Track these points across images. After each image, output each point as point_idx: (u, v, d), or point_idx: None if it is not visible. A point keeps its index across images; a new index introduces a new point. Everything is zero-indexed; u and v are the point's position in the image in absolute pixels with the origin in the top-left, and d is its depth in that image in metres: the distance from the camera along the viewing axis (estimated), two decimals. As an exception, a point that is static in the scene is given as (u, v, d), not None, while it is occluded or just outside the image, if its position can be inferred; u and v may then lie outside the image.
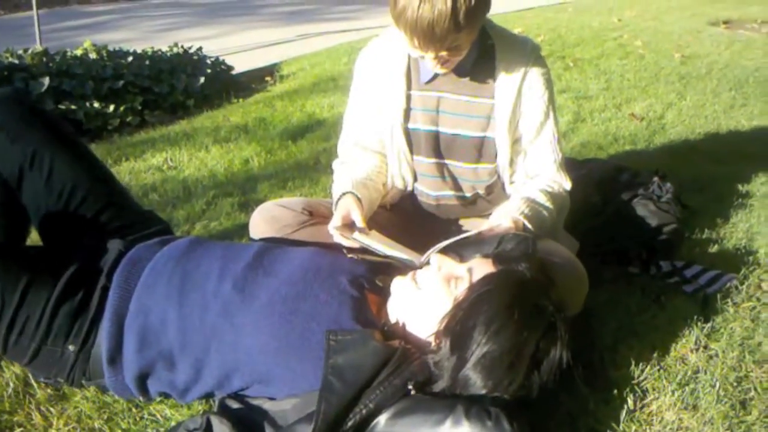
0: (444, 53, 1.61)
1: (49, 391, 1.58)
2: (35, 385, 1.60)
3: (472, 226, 1.89)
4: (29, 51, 4.35)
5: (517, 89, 1.78)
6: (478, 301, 1.33)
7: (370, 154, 1.95)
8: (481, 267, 1.42)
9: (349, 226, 1.72)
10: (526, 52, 1.79)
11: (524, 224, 1.68)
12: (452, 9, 1.48)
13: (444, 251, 1.53)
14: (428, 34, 1.53)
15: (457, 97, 1.82)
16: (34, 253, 1.74)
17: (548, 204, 1.78)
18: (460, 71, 1.77)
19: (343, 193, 1.78)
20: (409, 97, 1.85)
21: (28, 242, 1.92)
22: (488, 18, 1.73)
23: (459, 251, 1.55)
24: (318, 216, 1.90)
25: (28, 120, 1.70)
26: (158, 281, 1.51)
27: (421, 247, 1.66)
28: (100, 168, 1.82)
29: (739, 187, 2.76)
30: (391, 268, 1.60)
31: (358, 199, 1.76)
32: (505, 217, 1.68)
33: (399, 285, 1.49)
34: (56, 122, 1.79)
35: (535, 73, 1.79)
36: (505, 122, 1.79)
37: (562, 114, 3.91)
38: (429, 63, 1.68)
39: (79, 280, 1.54)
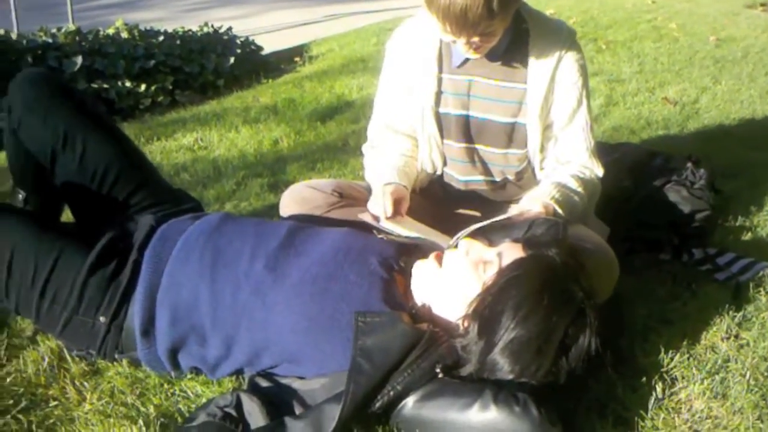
0: (476, 39, 1.59)
1: (83, 366, 1.62)
2: (69, 359, 1.63)
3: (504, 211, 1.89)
4: (62, 30, 4.40)
5: (550, 76, 1.76)
6: (507, 285, 1.33)
7: (402, 138, 1.94)
8: (511, 251, 1.41)
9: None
10: (561, 37, 1.77)
11: (555, 209, 1.67)
12: None
13: (472, 235, 1.53)
14: (461, 20, 1.52)
15: (489, 82, 1.80)
16: (69, 227, 1.77)
17: (579, 189, 1.77)
18: (492, 56, 1.75)
19: (389, 183, 1.78)
20: (440, 81, 1.84)
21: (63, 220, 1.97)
22: (523, 1, 1.71)
23: (488, 236, 1.54)
24: (348, 198, 1.91)
25: (60, 100, 1.71)
26: (190, 256, 1.53)
27: (449, 231, 1.66)
28: (131, 148, 1.84)
29: (775, 174, 2.71)
30: (416, 249, 1.61)
31: (406, 190, 1.78)
32: (535, 202, 1.67)
33: (423, 267, 1.49)
34: (88, 102, 1.81)
35: (569, 60, 1.77)
36: (536, 108, 1.78)
37: (594, 97, 3.85)
38: (461, 48, 1.67)
39: (112, 252, 1.57)
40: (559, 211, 1.67)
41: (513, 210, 1.73)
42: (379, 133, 1.98)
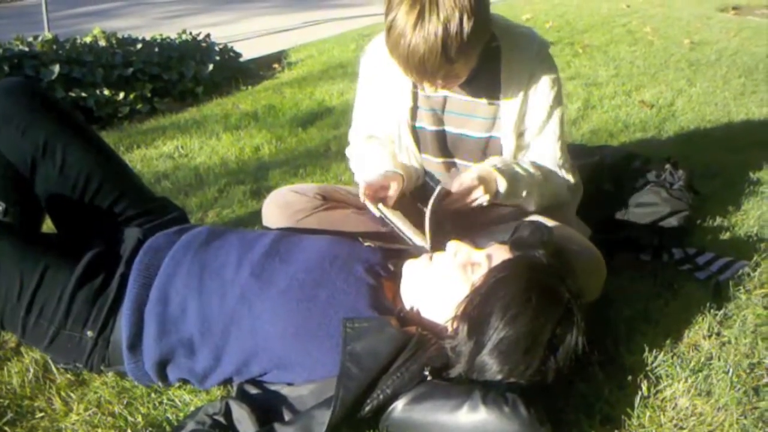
0: (440, 81, 1.60)
1: (68, 376, 1.60)
2: (55, 370, 1.62)
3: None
4: (39, 38, 4.36)
5: (522, 92, 1.76)
6: (495, 286, 1.34)
7: (387, 143, 1.95)
8: (498, 253, 1.43)
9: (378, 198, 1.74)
10: (533, 53, 1.77)
11: (496, 177, 1.67)
12: (442, 45, 1.47)
13: (459, 238, 1.53)
14: (420, 69, 1.53)
15: (463, 98, 1.81)
16: (52, 239, 1.75)
17: (529, 168, 1.77)
18: None
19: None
20: (415, 96, 1.85)
21: (44, 231, 1.95)
22: (494, 14, 1.72)
23: (474, 239, 1.56)
24: (331, 201, 1.91)
25: (38, 110, 1.69)
26: (178, 270, 1.53)
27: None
28: (113, 156, 1.82)
29: (751, 174, 2.75)
30: (403, 253, 1.62)
31: (402, 178, 1.79)
32: (471, 172, 1.67)
33: (412, 270, 1.50)
34: (67, 111, 1.79)
35: (541, 76, 1.77)
36: (510, 124, 1.79)
37: (572, 101, 3.90)
38: (427, 89, 1.68)
39: (98, 266, 1.56)
40: (500, 178, 1.67)
41: (453, 183, 1.71)
42: (363, 140, 1.98)
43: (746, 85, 4.24)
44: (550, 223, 1.75)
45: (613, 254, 2.05)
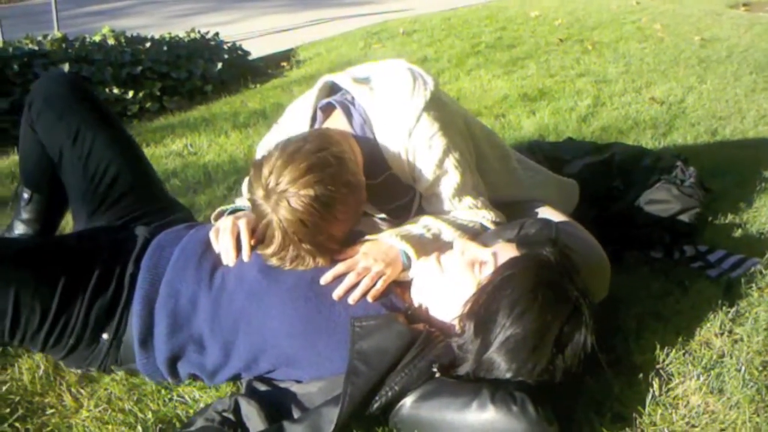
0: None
1: (79, 373, 1.61)
2: (65, 367, 1.62)
3: None
4: (49, 37, 4.38)
5: (405, 163, 1.64)
6: (501, 284, 1.34)
7: None
8: (505, 251, 1.42)
9: None
10: (400, 120, 1.60)
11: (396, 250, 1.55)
12: (303, 225, 1.38)
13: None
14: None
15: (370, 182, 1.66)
16: (64, 246, 1.71)
17: (431, 223, 1.65)
18: None
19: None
20: None
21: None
22: (363, 79, 1.68)
23: (481, 238, 1.55)
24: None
25: (78, 99, 1.77)
26: (188, 265, 1.53)
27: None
28: (134, 151, 1.88)
29: (762, 171, 2.73)
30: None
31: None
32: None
33: (422, 269, 1.50)
34: (102, 105, 1.88)
35: (413, 145, 1.61)
36: (418, 184, 1.70)
37: (582, 98, 3.88)
38: None
39: (108, 275, 1.56)
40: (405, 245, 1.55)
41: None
42: None
43: (757, 82, 4.20)
44: (557, 218, 1.74)
45: (623, 251, 2.05)
